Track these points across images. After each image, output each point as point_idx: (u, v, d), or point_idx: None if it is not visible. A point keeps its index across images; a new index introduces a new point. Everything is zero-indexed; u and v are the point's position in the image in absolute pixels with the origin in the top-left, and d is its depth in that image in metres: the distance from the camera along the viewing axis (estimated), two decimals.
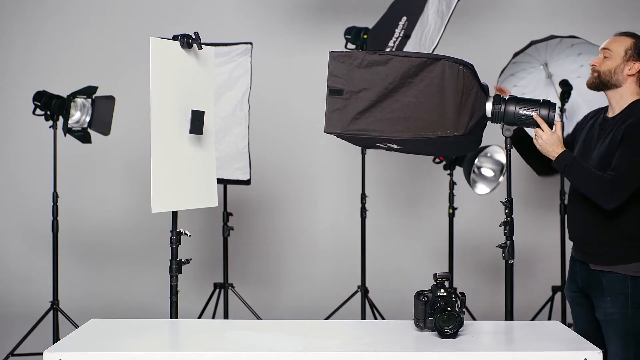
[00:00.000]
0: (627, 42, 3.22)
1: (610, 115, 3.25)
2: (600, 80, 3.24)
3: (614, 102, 3.25)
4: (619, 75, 3.21)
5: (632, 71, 3.20)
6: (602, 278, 3.18)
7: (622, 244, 3.16)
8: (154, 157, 3.29)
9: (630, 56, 3.20)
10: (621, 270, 3.15)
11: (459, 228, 5.59)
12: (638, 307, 3.14)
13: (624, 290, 3.14)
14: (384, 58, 3.06)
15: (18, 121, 6.10)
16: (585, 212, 3.24)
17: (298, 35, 6.28)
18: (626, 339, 3.13)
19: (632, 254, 3.15)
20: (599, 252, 3.21)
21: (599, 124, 3.27)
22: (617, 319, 3.14)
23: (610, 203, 3.08)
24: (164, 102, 3.35)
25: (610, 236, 3.18)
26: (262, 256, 6.35)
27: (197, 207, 3.68)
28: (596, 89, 3.28)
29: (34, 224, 6.19)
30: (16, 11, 6.32)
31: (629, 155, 3.07)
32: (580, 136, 3.35)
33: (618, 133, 3.13)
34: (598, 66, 3.25)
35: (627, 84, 3.20)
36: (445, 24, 4.15)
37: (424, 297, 2.74)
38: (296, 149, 6.36)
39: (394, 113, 3.04)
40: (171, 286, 3.53)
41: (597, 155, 3.19)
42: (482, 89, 3.14)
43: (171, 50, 3.39)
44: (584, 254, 3.28)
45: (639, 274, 3.14)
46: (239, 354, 2.52)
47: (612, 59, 3.22)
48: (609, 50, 3.23)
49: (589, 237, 3.25)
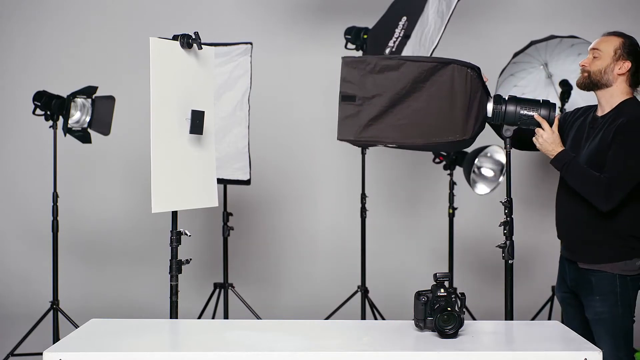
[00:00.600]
0: (616, 41, 3.22)
1: (600, 114, 3.25)
2: (590, 80, 3.24)
3: (603, 101, 3.24)
4: (609, 75, 3.21)
5: (622, 70, 3.20)
6: (591, 277, 3.18)
7: (610, 242, 3.16)
8: (154, 157, 3.29)
9: (620, 55, 3.20)
10: (609, 269, 3.14)
11: (459, 228, 5.59)
12: (627, 305, 3.14)
13: (613, 289, 3.13)
14: (395, 63, 3.08)
15: (18, 121, 6.10)
16: (573, 211, 3.24)
17: (298, 35, 6.28)
18: (616, 338, 3.13)
19: (620, 252, 3.14)
20: (587, 250, 3.21)
21: (588, 123, 3.27)
22: (607, 318, 3.14)
23: (606, 205, 3.09)
24: (164, 102, 3.35)
25: (598, 234, 3.18)
26: (262, 256, 6.35)
27: (197, 207, 3.68)
28: (586, 88, 3.28)
29: (34, 224, 6.19)
30: (16, 11, 6.32)
31: (622, 156, 3.07)
32: (570, 134, 3.34)
33: (608, 132, 3.12)
34: (588, 66, 3.25)
35: (618, 84, 3.21)
36: (445, 24, 4.15)
37: (424, 297, 2.74)
38: (296, 149, 6.36)
39: (406, 119, 3.08)
40: (171, 286, 3.52)
41: (587, 154, 3.19)
42: (485, 91, 3.16)
43: (171, 50, 3.39)
44: (573, 253, 3.28)
45: (627, 273, 3.14)
46: (239, 354, 2.52)
47: (601, 59, 3.22)
48: (598, 50, 3.24)
49: (577, 235, 3.25)
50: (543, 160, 6.29)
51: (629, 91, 3.23)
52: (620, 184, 3.07)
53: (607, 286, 3.14)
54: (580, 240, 3.24)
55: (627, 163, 3.07)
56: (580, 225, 3.23)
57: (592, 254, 3.19)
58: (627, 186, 3.08)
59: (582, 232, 3.22)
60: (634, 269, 3.14)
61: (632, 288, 3.16)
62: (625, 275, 3.13)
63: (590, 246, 3.20)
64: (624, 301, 3.13)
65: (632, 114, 3.13)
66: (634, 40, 3.25)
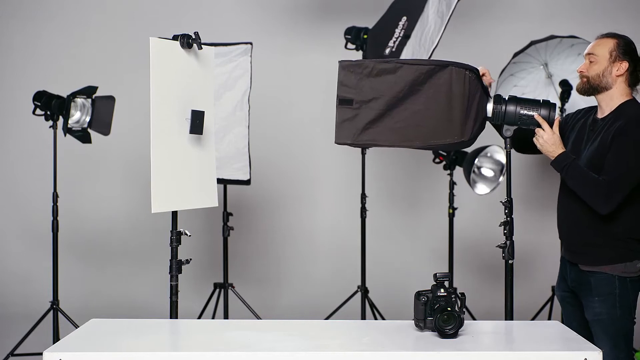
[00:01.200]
0: (610, 43, 3.22)
1: (600, 116, 3.24)
2: (590, 85, 3.23)
3: (603, 104, 3.24)
4: (607, 78, 3.20)
5: (620, 71, 3.19)
6: (591, 278, 3.18)
7: (610, 244, 3.15)
8: (154, 157, 3.29)
9: (616, 57, 3.19)
10: (608, 271, 3.14)
11: (459, 228, 5.59)
12: (626, 307, 3.14)
13: (612, 291, 3.13)
14: (392, 66, 3.08)
15: (18, 121, 6.10)
16: (574, 213, 3.24)
17: (298, 35, 6.28)
18: (615, 339, 3.13)
19: (621, 254, 3.14)
20: (587, 252, 3.20)
21: (588, 125, 3.26)
22: (606, 319, 3.13)
23: (605, 207, 3.08)
24: (164, 102, 3.34)
25: (598, 237, 3.17)
26: (262, 256, 6.35)
27: (197, 207, 3.68)
28: (587, 94, 3.27)
29: (34, 224, 6.19)
30: (16, 11, 6.32)
31: (621, 158, 3.07)
32: (570, 136, 3.34)
33: (608, 135, 3.12)
34: (586, 72, 3.24)
35: (617, 85, 3.20)
36: (445, 24, 4.15)
37: (424, 297, 2.74)
38: (296, 148, 6.36)
39: (404, 122, 3.09)
40: (171, 286, 3.52)
41: (587, 156, 3.18)
42: (484, 92, 3.16)
43: (171, 50, 3.39)
44: (573, 254, 3.27)
45: (627, 275, 3.13)
46: (239, 354, 2.52)
47: (598, 62, 3.21)
48: (594, 55, 3.23)
49: (578, 237, 3.24)
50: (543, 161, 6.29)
51: (629, 92, 3.22)
52: (619, 186, 3.06)
53: (607, 287, 3.14)
54: (580, 242, 3.24)
55: (627, 165, 3.07)
56: (580, 227, 3.23)
57: (592, 256, 3.19)
58: (626, 188, 3.08)
59: (582, 234, 3.22)
60: (634, 271, 3.14)
61: (631, 290, 3.15)
62: (624, 277, 3.13)
63: (590, 248, 3.19)
64: (622, 303, 3.13)
65: (631, 116, 3.13)
66: (628, 39, 3.24)
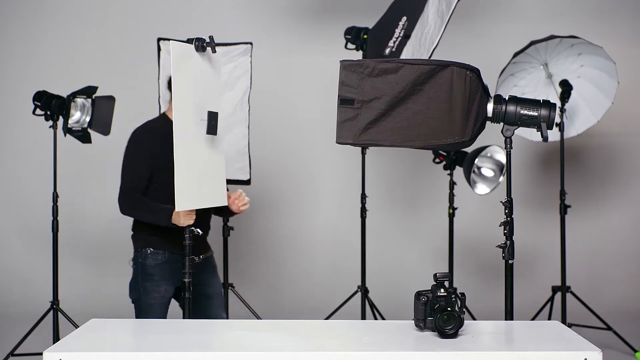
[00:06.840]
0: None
1: None
2: None
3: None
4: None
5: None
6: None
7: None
8: (178, 157, 3.35)
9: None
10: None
11: (459, 228, 5.59)
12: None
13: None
14: (394, 66, 3.09)
15: (18, 121, 6.11)
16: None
17: (298, 35, 6.28)
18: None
19: None
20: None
21: None
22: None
23: None
24: (184, 104, 3.40)
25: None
26: (262, 256, 6.35)
27: (213, 205, 3.73)
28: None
29: (34, 224, 6.19)
30: (16, 11, 6.32)
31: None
32: None
33: None
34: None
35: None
36: (445, 24, 4.15)
37: (424, 297, 2.74)
38: (296, 148, 6.36)
39: (405, 122, 3.09)
40: (183, 283, 3.54)
41: None
42: (485, 92, 3.17)
43: (189, 54, 3.43)
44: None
45: None
46: (239, 354, 2.52)
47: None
48: None
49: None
50: (543, 161, 6.30)
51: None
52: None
53: None
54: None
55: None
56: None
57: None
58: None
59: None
60: None
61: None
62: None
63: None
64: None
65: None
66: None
